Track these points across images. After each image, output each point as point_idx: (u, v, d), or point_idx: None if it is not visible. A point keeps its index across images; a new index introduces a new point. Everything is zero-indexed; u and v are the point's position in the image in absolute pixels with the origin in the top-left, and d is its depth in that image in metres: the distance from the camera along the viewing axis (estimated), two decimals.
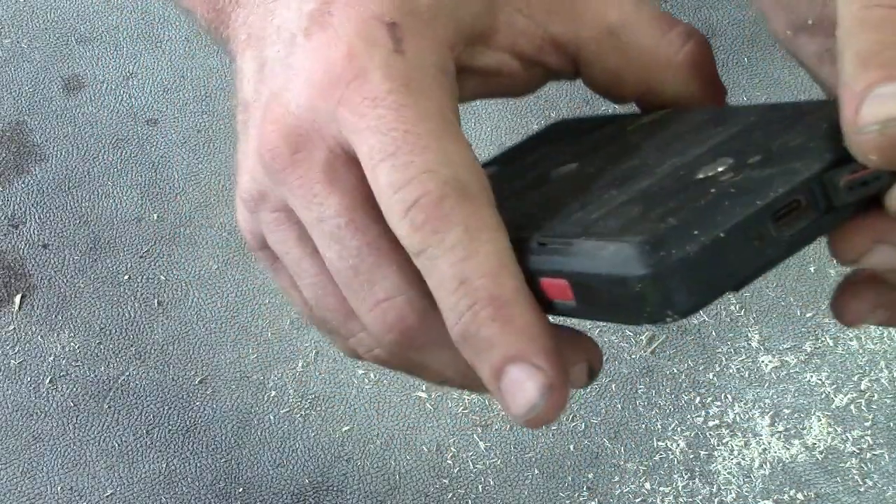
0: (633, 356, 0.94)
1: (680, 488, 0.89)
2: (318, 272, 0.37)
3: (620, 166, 0.36)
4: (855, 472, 0.88)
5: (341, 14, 0.36)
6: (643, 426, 0.91)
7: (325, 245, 0.36)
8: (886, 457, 0.88)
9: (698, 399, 0.92)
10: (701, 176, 0.32)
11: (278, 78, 0.37)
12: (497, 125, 1.06)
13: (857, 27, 0.30)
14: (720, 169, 0.32)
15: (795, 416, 0.90)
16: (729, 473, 0.89)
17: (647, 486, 0.89)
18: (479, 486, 0.91)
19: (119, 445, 0.95)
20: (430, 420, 0.93)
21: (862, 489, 0.88)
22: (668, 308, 0.30)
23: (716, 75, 0.40)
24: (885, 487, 0.88)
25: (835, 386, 0.91)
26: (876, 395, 0.91)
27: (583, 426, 0.92)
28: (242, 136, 0.38)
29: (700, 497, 0.89)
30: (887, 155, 0.30)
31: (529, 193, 0.38)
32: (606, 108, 1.00)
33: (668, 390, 0.93)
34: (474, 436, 0.93)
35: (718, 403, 0.92)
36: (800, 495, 0.88)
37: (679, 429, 0.91)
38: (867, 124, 0.30)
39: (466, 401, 0.94)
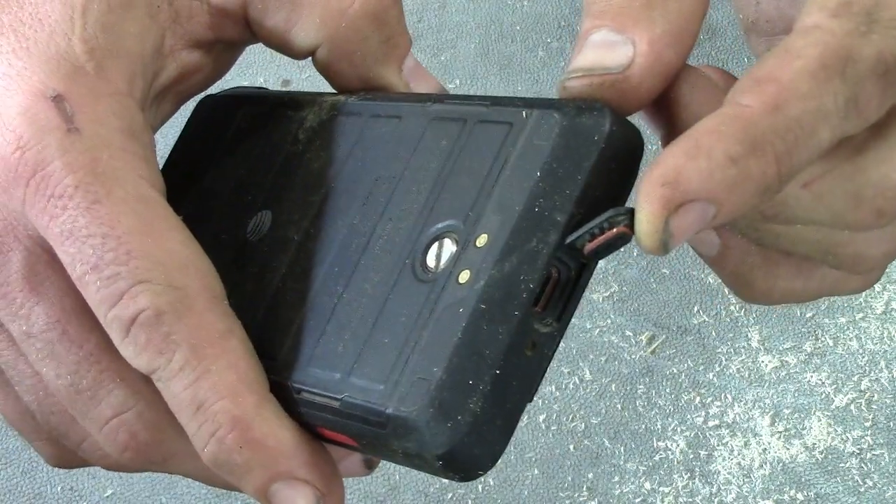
0: (633, 356, 0.94)
1: (680, 488, 0.89)
2: (38, 373, 0.33)
3: (325, 227, 0.32)
4: (855, 472, 0.88)
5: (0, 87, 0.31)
6: (643, 426, 0.91)
7: (39, 362, 0.32)
8: (886, 457, 0.88)
9: (698, 399, 0.92)
10: (432, 266, 0.28)
11: None
12: None
13: None
14: (450, 253, 0.28)
15: (795, 416, 0.90)
16: (729, 473, 0.89)
17: (647, 486, 0.89)
18: (479, 486, 0.91)
19: None
20: None
21: (862, 489, 0.88)
22: (478, 469, 0.28)
23: (397, 29, 0.35)
24: (885, 487, 0.88)
25: (835, 386, 0.91)
26: (876, 395, 0.90)
27: (583, 426, 0.92)
28: None
29: (700, 497, 0.89)
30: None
31: (237, 267, 0.33)
32: None
33: (668, 390, 0.93)
34: None
35: (718, 403, 0.92)
36: (800, 495, 0.88)
37: (679, 429, 0.91)
38: (573, 69, 0.28)
39: None
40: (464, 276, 0.27)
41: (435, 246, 0.29)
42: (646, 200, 0.26)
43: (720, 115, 0.27)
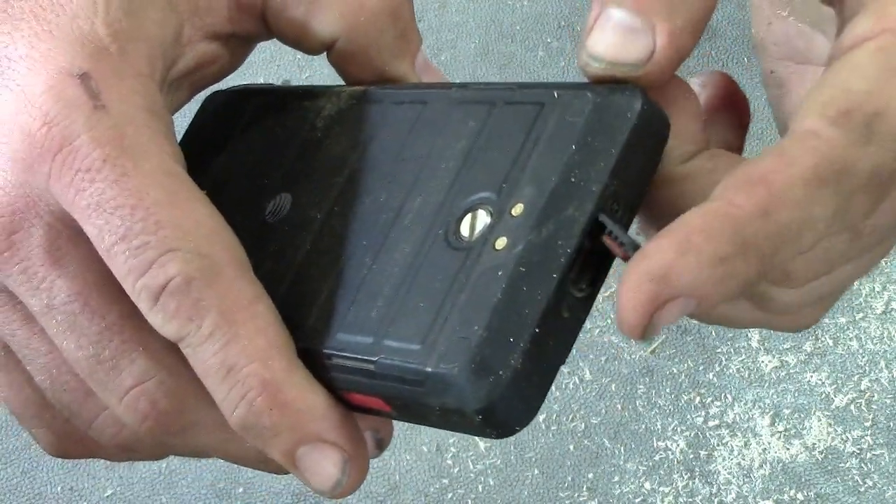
0: (633, 356, 0.94)
1: (680, 488, 0.89)
2: (53, 349, 0.33)
3: (351, 205, 0.32)
4: (855, 472, 0.88)
5: (23, 67, 0.32)
6: (643, 426, 0.91)
7: (60, 335, 0.32)
8: (886, 457, 0.88)
9: (698, 399, 0.92)
10: (466, 236, 0.29)
11: None
12: None
13: None
14: (485, 223, 0.29)
15: (795, 416, 0.90)
16: (729, 473, 0.89)
17: (647, 486, 0.89)
18: (479, 486, 0.91)
19: None
20: None
21: (862, 489, 0.88)
22: (515, 425, 0.29)
23: (411, 25, 0.36)
24: (885, 487, 0.88)
25: (835, 386, 0.91)
26: (876, 395, 0.91)
27: (583, 426, 0.92)
28: None
29: (700, 497, 0.89)
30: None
31: (256, 247, 0.34)
32: None
33: (668, 390, 0.93)
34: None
35: (718, 403, 0.92)
36: (800, 495, 0.88)
37: (679, 429, 0.91)
38: (594, 54, 0.29)
39: None
40: (500, 243, 0.28)
41: (468, 217, 0.30)
42: (633, 293, 0.27)
43: (711, 211, 0.27)
